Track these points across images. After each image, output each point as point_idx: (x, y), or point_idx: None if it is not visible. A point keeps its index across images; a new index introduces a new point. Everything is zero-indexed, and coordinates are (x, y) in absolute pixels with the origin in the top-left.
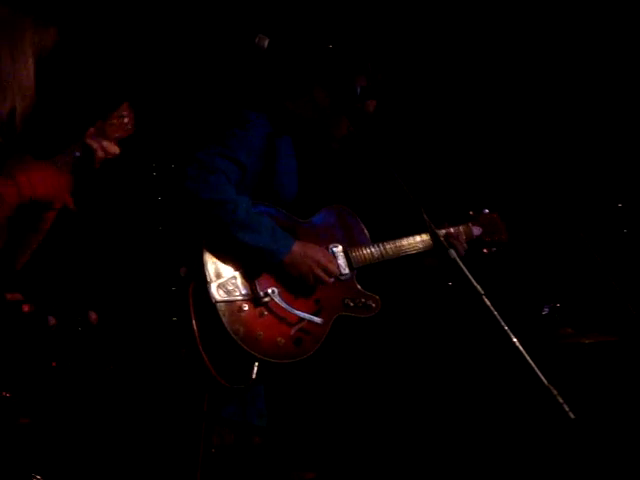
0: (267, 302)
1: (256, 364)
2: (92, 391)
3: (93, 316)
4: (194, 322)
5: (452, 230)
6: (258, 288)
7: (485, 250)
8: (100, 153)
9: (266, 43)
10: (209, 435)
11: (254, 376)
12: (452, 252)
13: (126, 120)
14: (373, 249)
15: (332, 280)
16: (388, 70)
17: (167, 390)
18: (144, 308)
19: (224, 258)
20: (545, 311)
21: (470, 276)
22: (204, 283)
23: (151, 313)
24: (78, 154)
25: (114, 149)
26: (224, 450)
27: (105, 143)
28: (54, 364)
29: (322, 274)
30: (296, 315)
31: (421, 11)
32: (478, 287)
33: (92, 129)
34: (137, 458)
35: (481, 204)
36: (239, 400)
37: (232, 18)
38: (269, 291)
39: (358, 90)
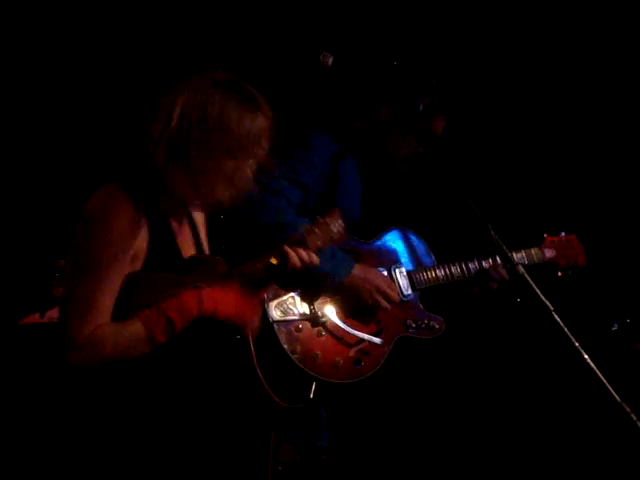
0: (325, 322)
1: (314, 384)
2: (164, 410)
3: None
4: (251, 341)
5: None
6: (316, 308)
7: (560, 273)
8: (296, 262)
9: (330, 61)
10: (276, 453)
11: (312, 395)
12: (520, 268)
13: (335, 230)
14: (437, 271)
15: (390, 307)
16: (454, 87)
17: (232, 409)
18: (207, 327)
19: None
20: (615, 327)
21: (539, 292)
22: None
23: (213, 331)
24: (275, 262)
25: (313, 259)
26: (291, 468)
27: (303, 252)
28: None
29: (381, 300)
30: (355, 335)
31: (487, 26)
32: (547, 303)
33: (295, 235)
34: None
35: (557, 225)
36: (301, 422)
37: (296, 36)
38: (327, 311)
39: (420, 107)
